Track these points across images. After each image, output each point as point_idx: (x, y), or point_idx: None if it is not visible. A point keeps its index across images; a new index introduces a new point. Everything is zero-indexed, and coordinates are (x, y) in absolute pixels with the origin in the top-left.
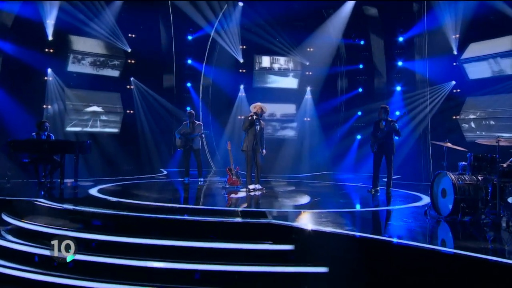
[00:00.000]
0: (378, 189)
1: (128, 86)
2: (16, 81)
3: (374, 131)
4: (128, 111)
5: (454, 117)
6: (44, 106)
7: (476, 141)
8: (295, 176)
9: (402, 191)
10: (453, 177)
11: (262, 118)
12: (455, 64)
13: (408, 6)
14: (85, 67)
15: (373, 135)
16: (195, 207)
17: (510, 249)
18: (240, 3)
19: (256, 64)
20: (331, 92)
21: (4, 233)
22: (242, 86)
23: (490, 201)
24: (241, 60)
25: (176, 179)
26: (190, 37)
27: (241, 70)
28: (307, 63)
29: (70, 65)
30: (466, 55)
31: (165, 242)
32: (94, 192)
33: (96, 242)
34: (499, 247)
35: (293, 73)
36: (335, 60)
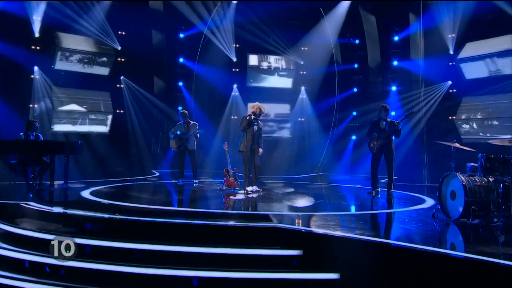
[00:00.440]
0: (378, 190)
1: (118, 85)
2: (1, 80)
3: (370, 131)
4: (118, 110)
5: (451, 118)
6: (31, 105)
7: (488, 141)
8: (290, 177)
9: (403, 192)
10: (463, 179)
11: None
12: (451, 64)
13: (404, 5)
14: (74, 65)
15: (369, 135)
16: (193, 210)
17: None
18: (234, 1)
19: (249, 63)
20: (326, 92)
21: None
22: (235, 86)
23: (503, 203)
24: (234, 59)
25: (169, 181)
26: (182, 35)
27: (234, 69)
28: (302, 63)
29: (57, 63)
30: (463, 54)
31: (163, 247)
32: (86, 194)
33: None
34: None
35: (287, 73)
36: (329, 59)
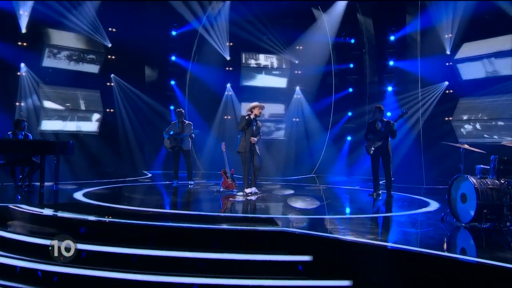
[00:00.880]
0: (379, 192)
1: (108, 83)
2: None
3: (367, 133)
4: (108, 109)
5: (447, 119)
6: (17, 103)
7: (502, 143)
8: (286, 178)
9: (403, 194)
10: (475, 181)
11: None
12: (448, 64)
13: (401, 5)
14: (62, 63)
15: (366, 137)
16: (192, 213)
17: None
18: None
19: (243, 61)
20: (321, 92)
21: None
22: (229, 85)
23: None
24: (228, 58)
25: (163, 182)
26: (174, 33)
27: (227, 68)
28: (296, 62)
29: (45, 60)
30: (460, 55)
31: (162, 253)
32: (79, 196)
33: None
34: None
35: (281, 72)
36: (325, 59)
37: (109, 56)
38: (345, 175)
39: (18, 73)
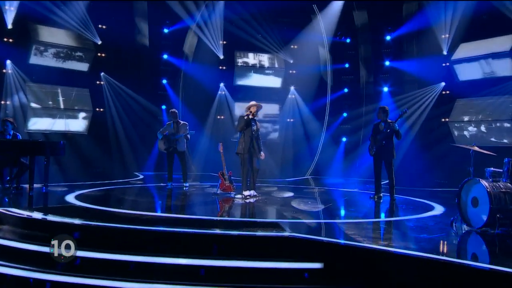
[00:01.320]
0: (381, 195)
1: (98, 82)
2: None
3: (373, 134)
4: (98, 109)
5: (444, 120)
6: (2, 102)
7: None
8: (282, 180)
9: (404, 197)
10: (487, 185)
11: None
12: (444, 64)
13: (397, 4)
14: (50, 60)
15: (372, 138)
16: (192, 217)
17: None
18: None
19: (237, 60)
20: (316, 92)
21: None
22: (222, 84)
23: None
24: (221, 56)
25: (156, 184)
26: (166, 30)
27: (221, 67)
28: (291, 61)
29: (32, 57)
30: (457, 55)
31: (160, 260)
32: (71, 199)
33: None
34: None
35: (276, 71)
36: (320, 59)
37: (99, 54)
38: (341, 177)
39: (4, 71)
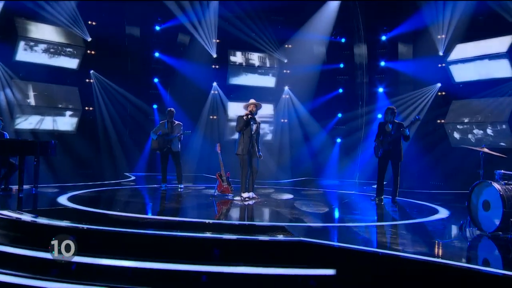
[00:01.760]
0: (382, 197)
1: (87, 80)
2: None
3: (378, 134)
4: (87, 107)
5: (439, 121)
6: None
7: None
8: (277, 182)
9: (406, 199)
10: (499, 188)
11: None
12: (440, 65)
13: (393, 4)
14: (38, 57)
15: (378, 139)
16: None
17: None
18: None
19: (230, 59)
20: (310, 92)
21: None
22: (215, 83)
23: None
24: (215, 55)
25: (150, 186)
26: (158, 28)
27: (214, 66)
28: (285, 61)
29: (19, 53)
30: (453, 56)
31: (161, 265)
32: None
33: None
34: None
35: (270, 71)
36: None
37: (89, 51)
38: (336, 178)
39: None
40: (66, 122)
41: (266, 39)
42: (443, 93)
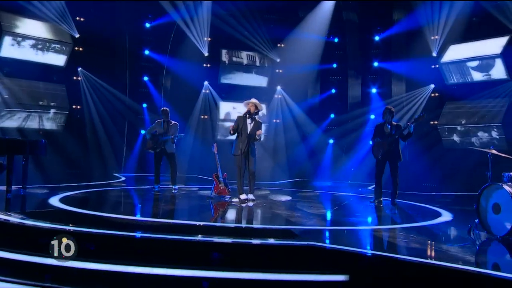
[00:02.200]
0: (381, 200)
1: (75, 77)
2: None
3: (374, 135)
4: (74, 106)
5: (432, 123)
6: None
7: None
8: (270, 183)
9: (405, 201)
10: (511, 190)
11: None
12: (434, 66)
13: (387, 4)
14: (24, 53)
15: (375, 140)
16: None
17: None
18: None
19: (222, 58)
20: (303, 92)
21: None
22: (206, 82)
23: None
24: (206, 54)
25: (141, 187)
26: (148, 25)
27: (205, 65)
28: (278, 60)
29: (4, 49)
30: (446, 57)
31: (160, 271)
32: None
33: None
34: None
35: (262, 70)
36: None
37: (76, 48)
38: (329, 180)
39: None
40: (52, 120)
41: (259, 38)
42: (437, 94)
